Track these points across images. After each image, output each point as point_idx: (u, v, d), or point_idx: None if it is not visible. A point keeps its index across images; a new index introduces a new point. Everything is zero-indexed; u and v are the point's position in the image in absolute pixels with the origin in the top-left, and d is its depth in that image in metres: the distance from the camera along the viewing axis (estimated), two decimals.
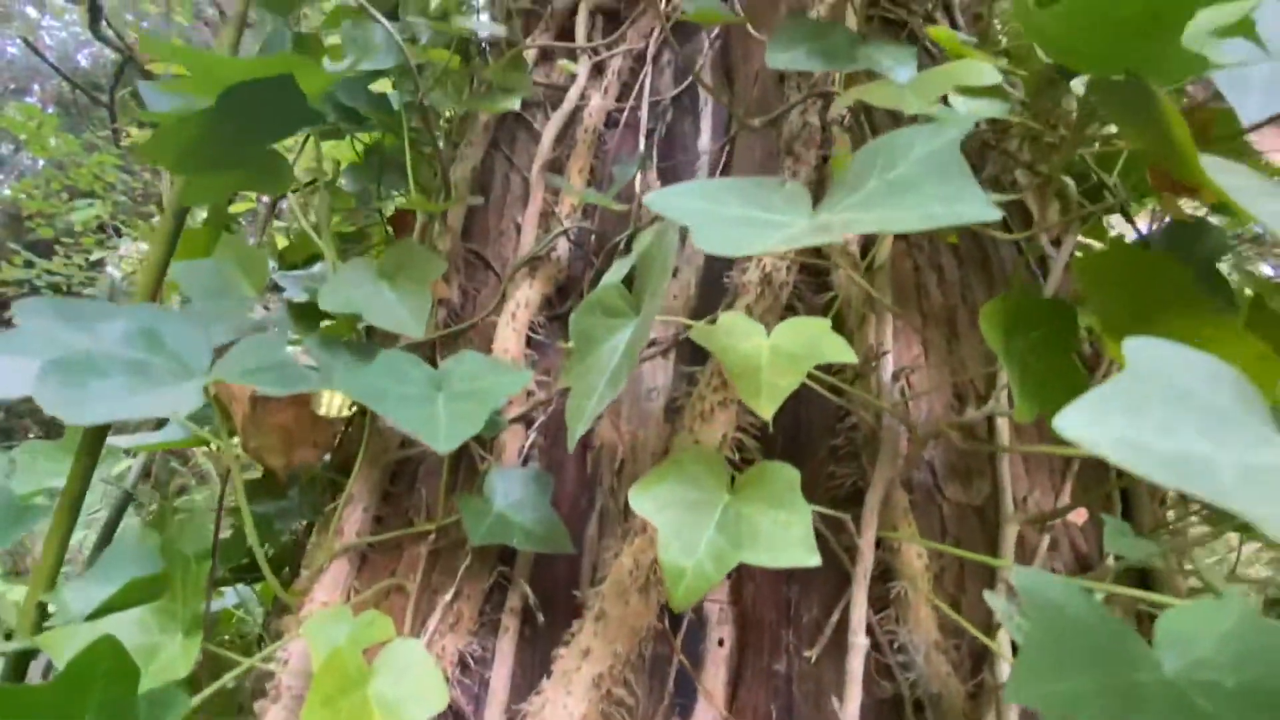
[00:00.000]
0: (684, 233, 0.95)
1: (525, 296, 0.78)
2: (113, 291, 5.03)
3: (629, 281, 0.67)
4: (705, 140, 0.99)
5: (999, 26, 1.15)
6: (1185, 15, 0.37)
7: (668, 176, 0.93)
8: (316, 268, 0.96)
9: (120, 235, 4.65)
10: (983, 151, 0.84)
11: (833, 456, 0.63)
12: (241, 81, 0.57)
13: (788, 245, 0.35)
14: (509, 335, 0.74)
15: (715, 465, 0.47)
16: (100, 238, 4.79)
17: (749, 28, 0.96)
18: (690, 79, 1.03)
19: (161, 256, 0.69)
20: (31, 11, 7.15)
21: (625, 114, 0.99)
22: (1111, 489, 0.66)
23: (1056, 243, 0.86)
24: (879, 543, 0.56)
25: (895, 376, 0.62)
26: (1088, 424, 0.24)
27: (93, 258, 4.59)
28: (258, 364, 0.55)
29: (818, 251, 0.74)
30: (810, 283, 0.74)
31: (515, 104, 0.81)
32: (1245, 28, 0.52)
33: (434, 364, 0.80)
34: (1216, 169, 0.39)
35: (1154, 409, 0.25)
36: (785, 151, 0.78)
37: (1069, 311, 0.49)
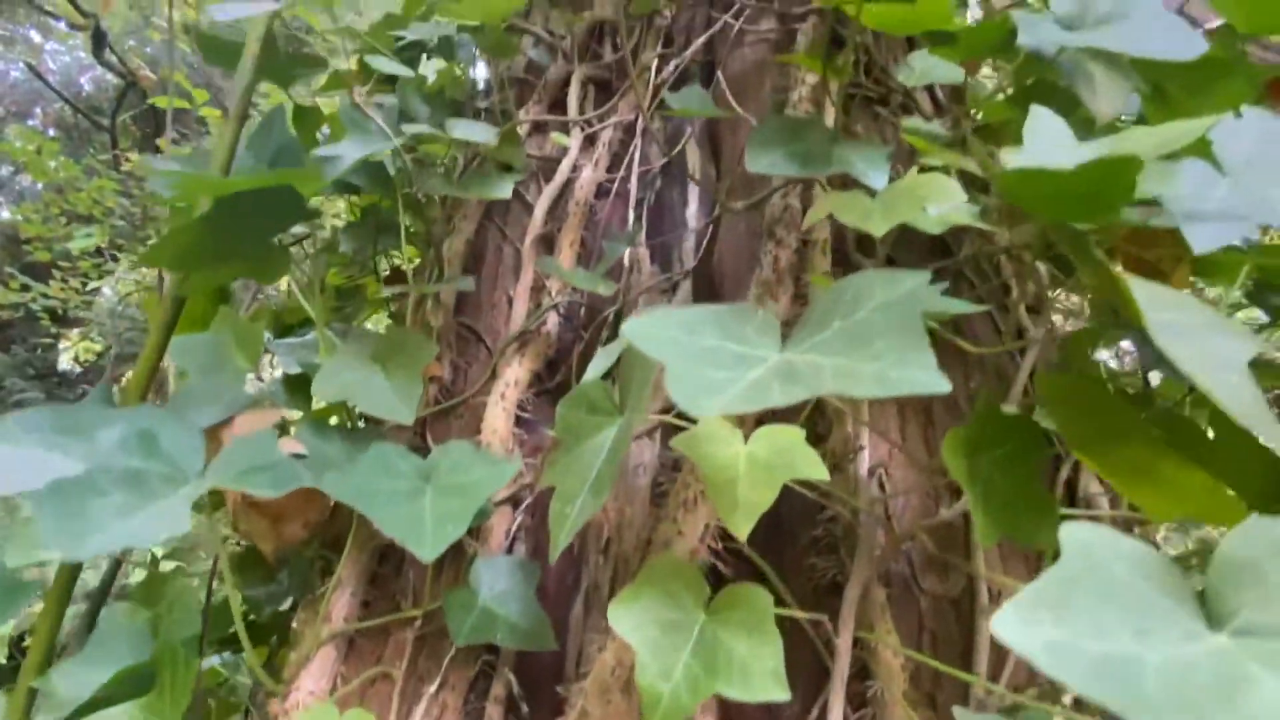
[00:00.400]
0: (672, 292, 0.97)
1: (514, 375, 0.80)
2: (110, 315, 5.03)
3: (617, 363, 0.69)
4: (693, 208, 1.02)
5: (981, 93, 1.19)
6: (1124, 196, 0.39)
7: (656, 252, 0.95)
8: (311, 335, 0.98)
9: (117, 260, 4.67)
10: (960, 231, 0.87)
11: (813, 547, 0.65)
12: (239, 190, 0.59)
13: (747, 406, 0.37)
14: (498, 415, 0.76)
15: (693, 580, 0.48)
16: (98, 261, 4.81)
17: (733, 103, 1.00)
18: (678, 148, 1.06)
19: (159, 341, 0.71)
20: (35, 36, 7.25)
21: (616, 184, 1.02)
22: None
23: (1032, 310, 0.88)
24: (857, 640, 0.57)
25: (871, 472, 0.64)
26: (1019, 627, 0.26)
27: (90, 286, 4.60)
28: (249, 464, 0.57)
29: None
30: None
31: (507, 191, 0.84)
32: (1201, 149, 0.55)
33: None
34: (1153, 305, 0.41)
35: (1084, 606, 0.27)
36: (767, 235, 0.81)
37: (1034, 428, 0.51)
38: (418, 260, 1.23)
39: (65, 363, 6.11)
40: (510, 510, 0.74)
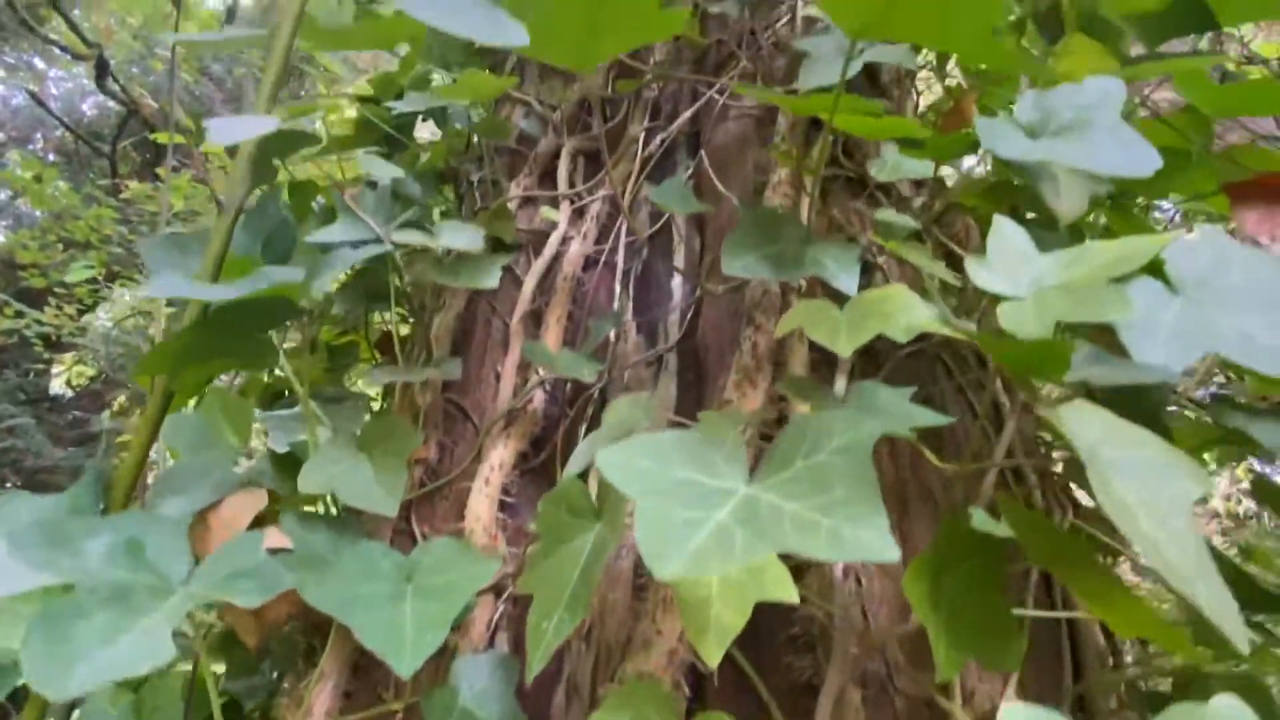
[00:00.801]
0: (658, 366, 0.99)
1: (499, 457, 0.81)
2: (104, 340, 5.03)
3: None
4: (679, 279, 1.04)
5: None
6: (1062, 367, 0.42)
7: (643, 324, 0.98)
8: (300, 407, 0.99)
9: (112, 288, 4.69)
10: None
11: (791, 645, 0.66)
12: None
13: (710, 568, 0.38)
14: (481, 503, 0.77)
15: (666, 706, 0.49)
16: (94, 288, 4.82)
17: (715, 181, 1.03)
18: (664, 220, 1.09)
19: (149, 434, 0.72)
20: (39, 63, 7.35)
21: (604, 255, 1.05)
22: (1065, 672, 0.68)
23: (1009, 387, 0.90)
24: None
25: (846, 573, 0.65)
26: None
27: (85, 319, 4.61)
28: (232, 570, 0.58)
29: (780, 420, 0.78)
30: None
31: (495, 280, 0.86)
32: (1155, 268, 0.57)
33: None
34: (1100, 441, 0.43)
35: None
36: (747, 319, 0.83)
37: (998, 544, 0.52)
38: (407, 315, 1.25)
39: (57, 387, 6.08)
40: (493, 599, 0.75)
